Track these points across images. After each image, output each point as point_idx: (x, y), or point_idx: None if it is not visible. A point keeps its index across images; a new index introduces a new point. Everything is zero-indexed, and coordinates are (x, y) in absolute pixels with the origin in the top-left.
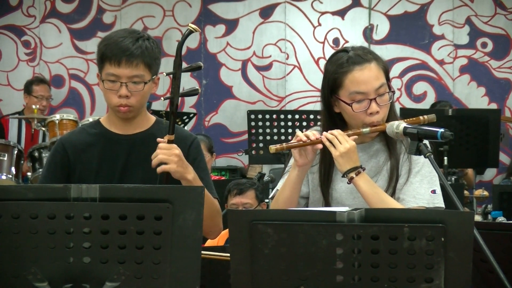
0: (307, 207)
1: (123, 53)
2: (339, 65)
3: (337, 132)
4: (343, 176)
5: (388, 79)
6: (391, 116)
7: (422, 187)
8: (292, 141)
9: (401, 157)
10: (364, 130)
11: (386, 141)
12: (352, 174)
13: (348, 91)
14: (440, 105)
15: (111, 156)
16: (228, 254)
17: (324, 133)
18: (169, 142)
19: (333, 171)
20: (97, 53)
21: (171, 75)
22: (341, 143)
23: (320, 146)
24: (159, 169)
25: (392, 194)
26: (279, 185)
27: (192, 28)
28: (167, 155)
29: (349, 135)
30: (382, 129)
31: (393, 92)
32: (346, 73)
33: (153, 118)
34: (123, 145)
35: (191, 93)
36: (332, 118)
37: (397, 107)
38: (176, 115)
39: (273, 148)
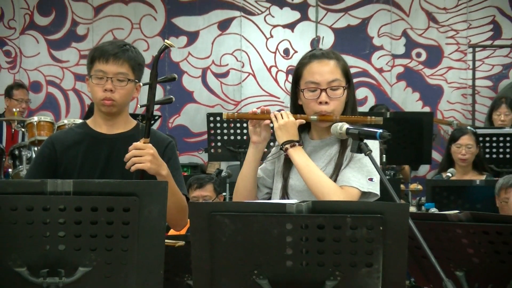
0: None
1: (111, 52)
2: (302, 58)
3: (284, 111)
4: (280, 149)
5: (348, 81)
6: (347, 112)
7: (360, 172)
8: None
9: (348, 149)
10: (312, 117)
11: (340, 139)
12: (287, 146)
13: (305, 80)
14: (377, 108)
15: (94, 153)
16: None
17: (274, 111)
18: None
19: None
20: (87, 60)
21: (148, 85)
22: (283, 117)
23: (267, 121)
24: (132, 168)
25: (336, 180)
26: None
27: (167, 44)
28: (140, 154)
29: (296, 118)
30: (329, 119)
31: (345, 88)
32: (306, 64)
33: (134, 122)
34: (106, 143)
35: (165, 101)
36: (296, 111)
37: None
38: (151, 121)
39: (225, 114)
